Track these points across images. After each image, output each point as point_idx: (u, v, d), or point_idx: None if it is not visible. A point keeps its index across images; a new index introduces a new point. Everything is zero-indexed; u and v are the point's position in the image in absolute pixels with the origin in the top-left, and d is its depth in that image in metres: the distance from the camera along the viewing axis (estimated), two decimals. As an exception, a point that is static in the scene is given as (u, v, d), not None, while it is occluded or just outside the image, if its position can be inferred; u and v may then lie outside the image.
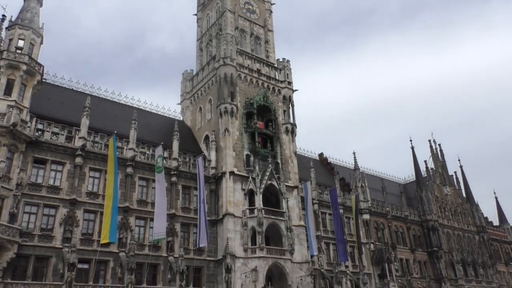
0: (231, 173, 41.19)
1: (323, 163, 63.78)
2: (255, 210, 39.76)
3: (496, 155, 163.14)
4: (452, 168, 76.89)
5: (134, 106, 47.05)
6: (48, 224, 32.04)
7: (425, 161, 70.14)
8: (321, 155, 65.15)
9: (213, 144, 43.29)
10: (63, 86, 43.28)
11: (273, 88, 49.57)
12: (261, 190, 40.83)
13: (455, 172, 76.20)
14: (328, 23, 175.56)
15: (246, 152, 43.54)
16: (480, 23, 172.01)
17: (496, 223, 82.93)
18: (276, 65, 51.68)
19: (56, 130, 34.86)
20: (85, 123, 35.81)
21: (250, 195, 41.16)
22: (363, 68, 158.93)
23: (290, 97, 49.93)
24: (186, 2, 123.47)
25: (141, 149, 38.90)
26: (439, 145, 74.58)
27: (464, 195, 74.59)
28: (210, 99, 47.62)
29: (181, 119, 51.18)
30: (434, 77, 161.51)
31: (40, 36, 36.26)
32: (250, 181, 41.23)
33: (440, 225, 63.43)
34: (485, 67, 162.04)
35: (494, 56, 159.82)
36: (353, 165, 58.39)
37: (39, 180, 32.74)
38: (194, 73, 53.42)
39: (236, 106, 44.18)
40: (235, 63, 46.05)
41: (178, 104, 53.42)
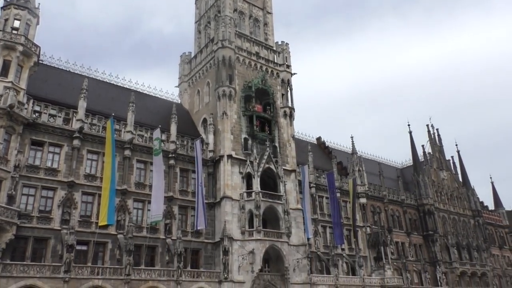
0: (229, 156, 41.24)
1: (320, 147, 63.89)
2: (253, 193, 39.95)
3: (493, 140, 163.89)
4: (450, 153, 77.17)
5: (132, 88, 46.73)
6: (47, 206, 32.16)
7: (422, 146, 70.53)
8: (319, 139, 65.21)
9: (211, 127, 43.22)
10: (60, 67, 42.89)
11: (271, 71, 49.28)
12: (259, 174, 40.97)
13: (452, 157, 76.55)
14: (327, 6, 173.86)
15: (244, 135, 43.54)
16: (480, 7, 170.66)
17: (492, 207, 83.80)
18: (275, 48, 51.24)
19: (53, 112, 34.65)
20: (82, 105, 35.61)
21: (248, 178, 41.30)
22: (361, 52, 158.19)
23: (288, 80, 49.69)
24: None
25: (139, 132, 38.82)
26: (437, 129, 74.77)
27: (461, 179, 75.09)
28: (208, 82, 47.34)
29: (179, 102, 50.94)
30: (434, 62, 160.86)
31: (36, 16, 35.76)
32: (248, 165, 41.32)
33: (436, 209, 64.00)
34: (485, 52, 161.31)
35: (494, 42, 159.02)
36: (351, 149, 58.53)
37: (37, 162, 32.72)
38: (192, 55, 52.95)
39: (234, 89, 43.97)
40: (233, 46, 45.64)
41: (176, 87, 53.10)
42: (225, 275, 36.31)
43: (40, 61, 36.76)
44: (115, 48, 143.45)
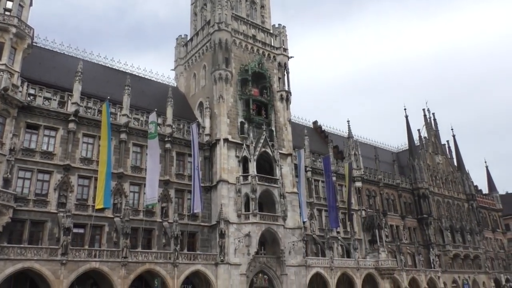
0: (225, 140, 41.23)
1: (317, 131, 63.96)
2: (249, 177, 40.08)
3: (489, 124, 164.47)
4: (445, 137, 77.57)
5: (128, 71, 46.29)
6: (43, 190, 32.16)
7: (418, 130, 70.63)
8: (315, 123, 65.24)
9: (207, 111, 43.07)
10: (54, 50, 42.36)
11: (268, 54, 48.92)
12: (255, 157, 41.03)
13: (447, 141, 76.97)
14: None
15: (240, 119, 43.43)
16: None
17: (486, 191, 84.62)
18: (271, 31, 50.80)
19: (48, 95, 34.33)
20: (77, 88, 35.28)
21: (244, 162, 41.38)
22: (358, 36, 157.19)
23: (285, 64, 49.39)
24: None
25: (134, 115, 38.63)
26: (433, 114, 74.96)
27: (456, 164, 75.58)
28: (204, 65, 46.98)
29: (175, 85, 50.62)
30: (430, 46, 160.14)
31: (29, -3, 35.13)
32: (244, 148, 41.34)
33: (431, 193, 64.56)
34: (482, 37, 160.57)
35: (491, 26, 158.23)
36: (347, 134, 58.66)
37: (32, 146, 32.59)
38: (188, 38, 52.38)
39: (230, 72, 43.69)
40: (230, 29, 45.17)
41: (172, 70, 52.68)
42: (222, 258, 36.67)
43: (34, 44, 36.28)
44: (110, 31, 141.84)
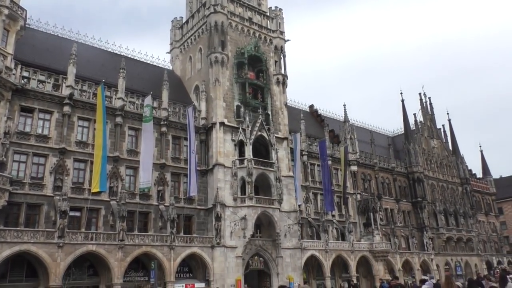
0: (222, 123, 41.14)
1: (313, 115, 63.93)
2: (245, 161, 40.15)
3: (484, 108, 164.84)
4: (441, 121, 77.76)
5: (123, 54, 45.79)
6: (38, 173, 32.12)
7: (414, 114, 70.81)
8: (311, 107, 65.16)
9: (203, 95, 42.86)
10: (47, 32, 41.77)
11: (264, 37, 48.50)
12: (251, 141, 41.03)
13: (443, 125, 77.25)
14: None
15: (236, 102, 43.29)
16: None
17: (480, 175, 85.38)
18: (268, 14, 50.24)
19: (42, 78, 34.00)
20: (72, 71, 34.94)
21: (240, 145, 41.37)
22: (354, 20, 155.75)
23: (282, 47, 49.02)
24: None
25: (130, 98, 38.38)
26: (429, 98, 75.03)
27: (451, 148, 76.00)
28: (200, 48, 46.56)
29: (170, 69, 50.21)
30: (427, 29, 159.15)
31: (21, -22, 34.46)
32: (240, 132, 41.30)
33: (426, 177, 65.06)
34: (478, 21, 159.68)
35: (488, 9, 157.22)
36: (343, 117, 58.70)
37: (27, 129, 32.40)
38: (184, 20, 51.73)
39: (227, 55, 43.35)
40: (226, 11, 44.65)
41: (168, 53, 52.14)
42: (218, 240, 36.98)
43: (27, 25, 35.79)
44: (104, 14, 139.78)
